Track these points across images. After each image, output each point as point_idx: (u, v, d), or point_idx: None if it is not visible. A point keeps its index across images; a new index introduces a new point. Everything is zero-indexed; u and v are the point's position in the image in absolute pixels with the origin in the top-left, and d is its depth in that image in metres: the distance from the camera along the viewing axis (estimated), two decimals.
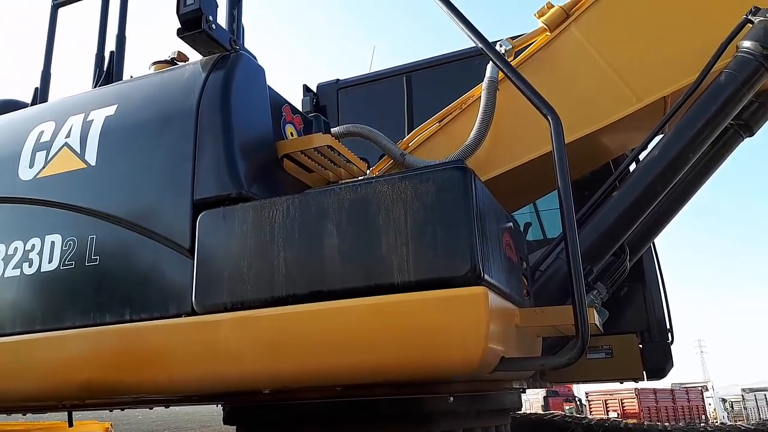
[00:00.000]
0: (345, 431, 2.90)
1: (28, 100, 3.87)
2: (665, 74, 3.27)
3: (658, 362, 3.87)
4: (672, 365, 3.91)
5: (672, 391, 39.30)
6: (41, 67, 3.76)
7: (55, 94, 3.70)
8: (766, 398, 44.97)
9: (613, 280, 3.39)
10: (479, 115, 3.36)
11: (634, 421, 4.88)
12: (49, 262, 2.78)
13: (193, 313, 2.41)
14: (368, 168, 3.50)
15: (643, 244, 3.70)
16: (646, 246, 3.80)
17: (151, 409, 4.40)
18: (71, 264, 2.73)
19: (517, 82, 2.47)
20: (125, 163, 2.76)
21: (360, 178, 3.39)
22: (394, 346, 2.06)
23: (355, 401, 2.86)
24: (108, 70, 3.50)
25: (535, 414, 4.93)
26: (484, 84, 3.44)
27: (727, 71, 2.99)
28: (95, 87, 3.48)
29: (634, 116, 3.45)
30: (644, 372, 3.89)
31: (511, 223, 2.58)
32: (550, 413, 5.56)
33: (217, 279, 2.38)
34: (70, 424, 4.46)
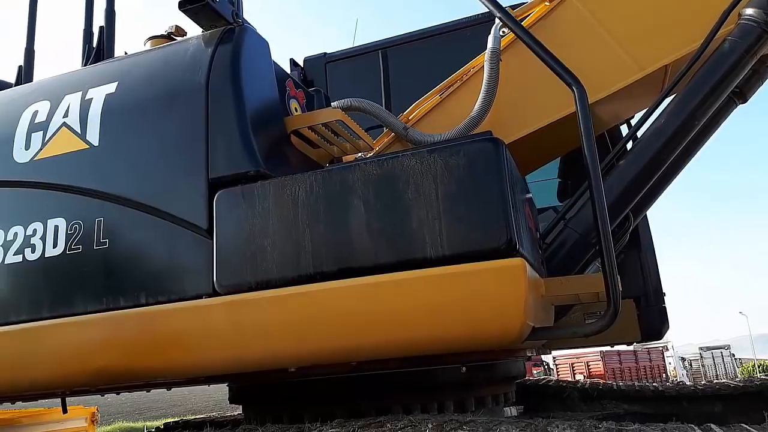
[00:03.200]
0: (356, 405, 2.92)
1: (9, 79, 3.70)
2: (667, 42, 3.29)
3: (655, 325, 3.97)
4: (668, 327, 4.03)
5: (635, 352, 40.62)
6: (24, 45, 3.58)
7: (40, 72, 3.54)
8: (722, 355, 46.94)
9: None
10: (483, 87, 3.33)
11: (621, 382, 5.03)
12: (53, 247, 2.69)
13: (215, 293, 2.37)
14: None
15: (640, 212, 3.77)
16: (643, 214, 3.87)
17: (148, 391, 4.35)
18: (78, 248, 2.65)
19: (538, 51, 2.46)
20: (132, 142, 2.67)
21: (369, 153, 3.37)
22: (430, 320, 2.06)
23: (365, 375, 2.88)
24: (98, 47, 3.35)
25: (530, 380, 5.03)
26: (487, 55, 3.41)
27: (731, 38, 3.02)
28: (86, 65, 3.33)
29: (632, 85, 3.48)
30: (641, 334, 4.00)
31: (530, 194, 2.59)
32: (544, 378, 5.68)
33: (239, 258, 2.34)
34: (65, 411, 4.36)
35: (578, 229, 3.05)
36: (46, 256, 2.68)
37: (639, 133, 3.25)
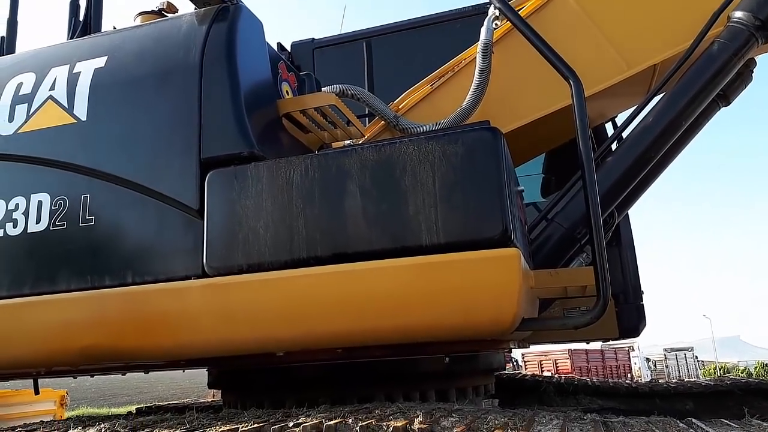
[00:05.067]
0: (339, 392, 2.92)
1: None
2: (656, 42, 3.33)
3: (633, 321, 4.04)
4: (645, 324, 4.09)
5: (602, 351, 41.29)
6: (7, 15, 3.48)
7: (23, 44, 3.45)
8: (686, 357, 47.96)
9: None
10: (475, 78, 3.34)
11: (595, 379, 5.11)
12: (36, 223, 2.62)
13: (204, 275, 2.34)
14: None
15: (623, 210, 3.82)
16: (626, 211, 3.93)
17: (124, 374, 4.28)
18: (62, 224, 2.59)
19: (537, 43, 2.47)
20: (121, 118, 2.61)
21: (359, 140, 3.35)
22: (423, 308, 2.06)
23: (348, 362, 2.88)
24: (85, 20, 3.27)
25: (506, 374, 5.09)
26: (479, 47, 3.41)
27: (720, 41, 3.07)
28: (72, 38, 3.25)
29: (620, 83, 3.52)
30: (618, 331, 4.06)
31: (522, 187, 2.61)
32: (520, 373, 5.74)
33: (230, 240, 2.31)
34: (36, 392, 4.28)
35: (565, 224, 3.08)
36: (28, 231, 2.62)
37: (625, 132, 3.29)
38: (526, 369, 38.52)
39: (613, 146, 3.43)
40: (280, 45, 5.16)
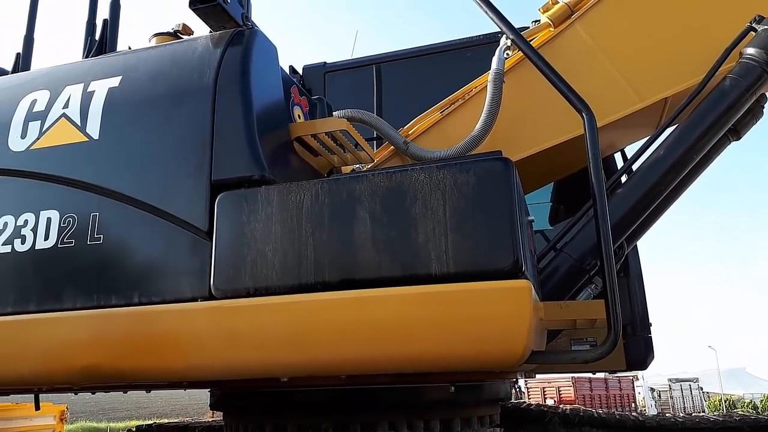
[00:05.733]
0: (342, 419, 2.88)
1: (6, 66, 3.64)
2: (668, 75, 3.34)
3: (640, 354, 3.99)
4: (653, 357, 4.04)
5: (605, 380, 40.88)
6: (24, 32, 3.53)
7: (38, 61, 3.49)
8: (690, 388, 47.40)
9: None
10: (486, 107, 3.35)
11: (601, 411, 5.03)
12: (45, 239, 2.62)
13: (211, 297, 2.33)
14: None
15: (632, 241, 3.80)
16: (635, 243, 3.91)
17: (125, 392, 4.25)
18: (71, 242, 2.59)
19: (549, 74, 2.48)
20: (133, 138, 2.62)
21: (368, 165, 3.36)
22: (431, 338, 2.04)
23: (354, 389, 2.84)
24: (101, 40, 3.31)
25: (511, 404, 5.01)
26: (491, 75, 3.43)
27: (732, 76, 3.08)
28: (87, 57, 3.29)
29: (631, 115, 3.52)
30: (626, 363, 4.01)
31: (532, 216, 2.60)
32: (524, 402, 5.66)
33: (238, 263, 2.30)
34: (37, 408, 4.25)
35: (574, 255, 3.06)
36: (36, 248, 2.62)
37: (635, 164, 3.29)
38: (529, 397, 38.17)
39: (623, 178, 3.43)
40: (292, 68, 5.21)
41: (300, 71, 5.22)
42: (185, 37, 3.01)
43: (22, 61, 3.48)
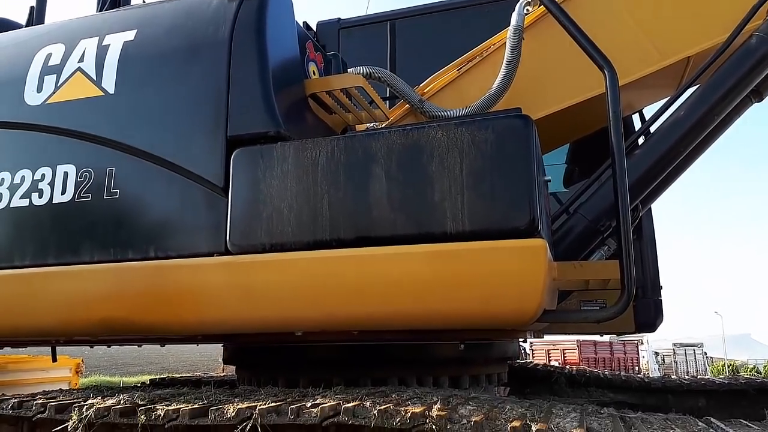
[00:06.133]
0: (353, 374, 2.93)
1: (18, 20, 3.61)
2: (692, 34, 3.26)
3: (650, 317, 4.00)
4: (662, 320, 4.06)
5: (610, 343, 41.11)
6: None
7: (51, 15, 3.45)
8: (694, 353, 47.68)
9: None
10: (504, 64, 3.28)
11: (607, 372, 5.09)
12: (62, 194, 2.64)
13: (227, 252, 2.35)
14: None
15: (647, 203, 3.78)
16: (649, 205, 3.88)
17: (140, 346, 4.33)
18: (87, 196, 2.60)
19: (572, 29, 2.43)
20: (148, 93, 2.61)
21: (383, 123, 3.33)
22: (446, 295, 2.05)
23: (362, 345, 2.88)
24: None
25: (518, 363, 5.08)
26: (510, 32, 3.35)
27: (759, 34, 2.99)
28: (101, 10, 3.25)
29: (651, 75, 3.45)
30: (635, 325, 4.03)
31: (548, 177, 2.58)
32: (532, 362, 5.74)
33: (254, 219, 2.31)
34: (54, 360, 4.35)
35: (588, 216, 3.05)
36: (53, 201, 2.64)
37: (654, 126, 3.24)
38: (533, 358, 38.59)
39: (640, 140, 3.38)
40: (306, 24, 5.13)
41: (314, 27, 5.13)
42: None
43: (36, 15, 3.45)
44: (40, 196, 2.67)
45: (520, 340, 3.90)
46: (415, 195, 2.12)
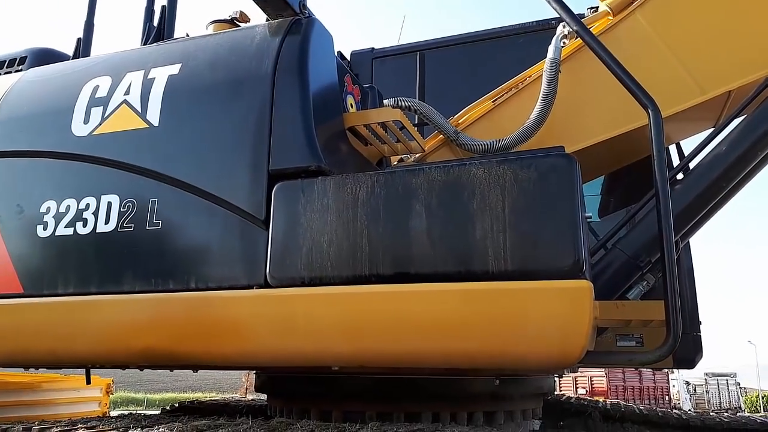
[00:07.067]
0: (386, 408, 2.91)
1: (65, 51, 3.72)
2: (733, 68, 3.22)
3: (689, 353, 3.90)
4: (701, 356, 3.96)
5: (639, 372, 40.16)
6: (84, 17, 3.60)
7: (98, 47, 3.55)
8: (727, 383, 46.30)
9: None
10: (541, 97, 3.29)
11: (642, 407, 4.97)
12: (105, 223, 2.69)
13: (267, 285, 2.36)
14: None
15: (685, 238, 3.71)
16: (688, 239, 3.81)
17: (171, 370, 4.37)
18: (130, 227, 2.65)
19: (614, 67, 2.42)
20: (192, 125, 2.66)
21: (417, 155, 3.34)
22: (486, 335, 2.03)
23: (397, 378, 2.86)
24: (159, 26, 3.35)
25: (551, 397, 4.99)
26: (546, 65, 3.36)
27: None
28: (145, 44, 3.34)
29: (690, 108, 3.41)
30: (673, 361, 3.93)
31: (589, 213, 2.55)
32: (565, 395, 5.63)
33: (294, 252, 2.32)
34: (88, 381, 4.41)
35: (628, 251, 3.01)
36: (97, 231, 2.69)
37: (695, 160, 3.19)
38: (560, 386, 37.84)
39: (679, 175, 3.34)
40: (340, 54, 5.21)
41: (347, 56, 5.21)
42: (242, 25, 3.03)
43: (83, 47, 3.56)
44: (84, 225, 2.72)
45: (556, 375, 3.83)
46: (455, 232, 2.11)
